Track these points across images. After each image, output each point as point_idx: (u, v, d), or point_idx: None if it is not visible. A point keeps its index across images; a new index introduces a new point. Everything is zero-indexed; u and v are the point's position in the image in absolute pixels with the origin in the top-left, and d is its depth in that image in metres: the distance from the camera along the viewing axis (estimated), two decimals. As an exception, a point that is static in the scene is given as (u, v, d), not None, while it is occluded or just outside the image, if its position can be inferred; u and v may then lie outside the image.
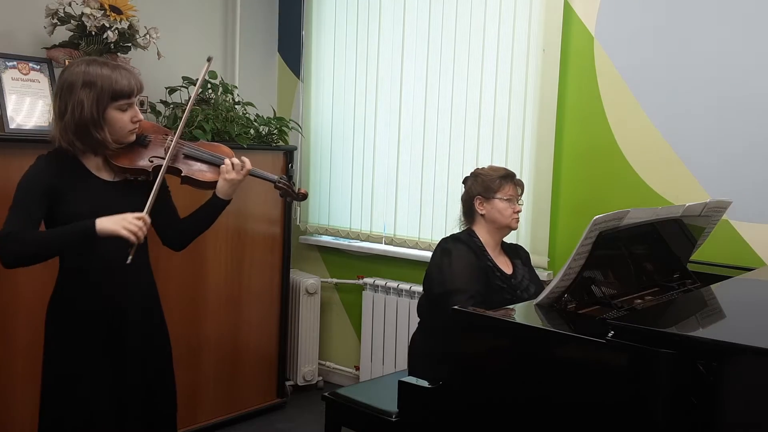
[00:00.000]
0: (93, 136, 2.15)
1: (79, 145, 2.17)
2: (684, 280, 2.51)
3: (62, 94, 2.16)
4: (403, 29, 3.93)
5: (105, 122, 2.16)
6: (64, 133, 2.16)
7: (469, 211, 2.88)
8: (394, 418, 2.60)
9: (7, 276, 2.90)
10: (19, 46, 3.25)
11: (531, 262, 3.04)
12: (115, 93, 2.15)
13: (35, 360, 2.96)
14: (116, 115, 2.17)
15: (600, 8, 3.28)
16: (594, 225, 2.03)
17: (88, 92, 2.13)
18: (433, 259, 2.82)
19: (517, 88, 3.54)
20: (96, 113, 2.14)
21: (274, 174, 2.49)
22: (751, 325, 2.03)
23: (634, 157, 3.23)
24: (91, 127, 2.14)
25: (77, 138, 2.16)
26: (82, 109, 2.12)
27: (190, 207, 2.45)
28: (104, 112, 2.15)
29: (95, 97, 2.13)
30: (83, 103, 2.12)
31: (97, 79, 2.14)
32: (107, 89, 2.14)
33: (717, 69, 3.01)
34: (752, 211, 2.95)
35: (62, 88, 2.17)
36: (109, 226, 2.08)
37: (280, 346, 3.95)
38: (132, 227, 2.08)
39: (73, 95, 2.13)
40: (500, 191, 2.81)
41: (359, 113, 4.14)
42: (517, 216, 2.84)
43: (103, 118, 2.15)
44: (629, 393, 1.79)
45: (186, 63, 3.72)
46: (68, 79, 2.16)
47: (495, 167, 2.93)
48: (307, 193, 2.51)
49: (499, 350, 2.09)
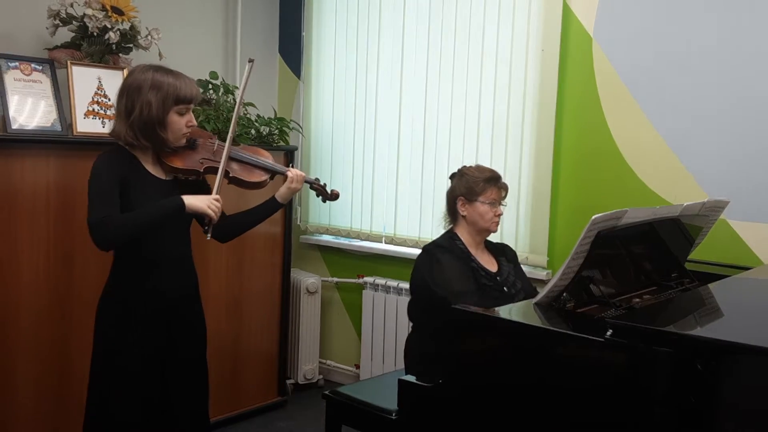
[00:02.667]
0: (157, 134, 2.35)
1: (143, 142, 2.35)
2: (682, 279, 2.51)
3: (129, 93, 2.34)
4: (402, 30, 3.94)
5: (167, 123, 2.36)
6: (130, 129, 2.33)
7: (452, 210, 2.88)
8: (394, 417, 2.61)
9: (7, 276, 2.92)
10: (21, 47, 3.25)
11: (518, 260, 3.02)
12: (179, 98, 2.35)
13: (35, 360, 3.01)
14: (175, 118, 2.37)
15: (598, 9, 3.29)
16: (592, 224, 2.04)
17: (156, 94, 2.32)
18: (419, 265, 2.79)
19: (516, 89, 3.55)
20: (161, 114, 2.33)
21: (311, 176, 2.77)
22: (748, 324, 2.03)
23: (633, 156, 3.24)
24: (157, 126, 2.33)
25: (143, 135, 2.34)
26: (150, 108, 2.31)
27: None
28: (167, 113, 2.35)
29: (162, 99, 2.32)
30: (151, 104, 2.31)
31: (164, 84, 2.34)
32: (172, 93, 2.34)
33: (715, 69, 3.02)
34: (750, 210, 2.96)
35: (130, 89, 2.34)
36: (197, 203, 2.33)
37: (281, 345, 3.97)
38: (214, 207, 2.36)
39: (142, 96, 2.32)
40: (483, 195, 2.79)
41: (359, 113, 4.15)
42: (497, 219, 2.82)
43: (166, 119, 2.35)
44: (627, 391, 1.80)
45: (187, 64, 3.69)
46: (136, 81, 2.34)
47: (481, 168, 2.90)
48: (339, 193, 2.73)
49: (498, 349, 2.10)
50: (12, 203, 2.91)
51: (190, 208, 2.32)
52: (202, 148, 2.50)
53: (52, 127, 3.07)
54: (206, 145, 2.52)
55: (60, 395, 3.08)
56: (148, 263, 2.39)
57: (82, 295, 3.08)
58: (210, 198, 2.37)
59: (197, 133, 2.53)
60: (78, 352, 3.06)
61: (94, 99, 3.20)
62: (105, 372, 2.39)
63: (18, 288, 2.95)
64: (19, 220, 2.93)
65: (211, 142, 2.54)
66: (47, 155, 3.00)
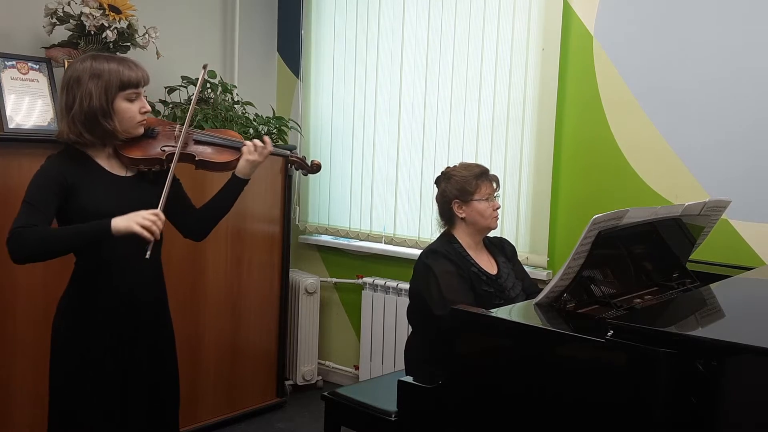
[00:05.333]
0: (102, 126, 2.16)
1: (88, 137, 2.17)
2: (683, 280, 2.50)
3: (69, 88, 2.17)
4: (402, 29, 3.93)
5: (114, 112, 2.18)
6: (72, 125, 2.16)
7: (448, 214, 2.81)
8: (394, 418, 2.60)
9: (7, 276, 2.90)
10: (18, 46, 3.25)
11: (517, 257, 2.99)
12: (123, 83, 2.17)
13: (35, 359, 2.99)
14: (125, 105, 2.19)
15: (599, 7, 3.28)
16: (593, 224, 2.03)
17: (96, 82, 2.15)
18: (417, 277, 2.74)
19: (516, 88, 3.54)
20: (105, 103, 2.15)
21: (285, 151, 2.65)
22: (750, 324, 2.03)
23: (634, 156, 3.23)
24: (100, 116, 2.15)
25: (86, 129, 2.16)
26: (91, 99, 2.14)
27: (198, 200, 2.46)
28: (113, 102, 2.17)
29: (103, 86, 2.15)
30: (92, 94, 2.14)
31: (104, 71, 2.16)
32: (115, 79, 2.16)
33: (716, 67, 3.01)
34: (752, 210, 2.95)
35: (69, 83, 2.17)
36: (123, 224, 2.08)
37: (280, 346, 3.95)
38: (146, 223, 2.08)
39: (81, 87, 2.15)
40: (477, 192, 2.75)
41: (358, 112, 4.14)
42: (496, 214, 2.78)
43: (112, 108, 2.17)
44: (628, 392, 1.79)
45: (185, 63, 3.72)
46: (75, 73, 2.17)
47: (467, 165, 2.85)
48: (320, 164, 2.60)
49: (498, 350, 2.09)
50: (8, 203, 2.88)
51: (117, 231, 2.07)
52: (162, 135, 2.32)
53: (48, 126, 3.06)
54: (166, 132, 2.34)
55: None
56: (106, 264, 2.22)
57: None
58: (143, 214, 2.10)
59: (156, 122, 2.36)
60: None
61: (91, 98, 3.18)
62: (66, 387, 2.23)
63: (14, 290, 2.94)
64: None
65: (170, 129, 2.36)
66: (44, 154, 2.90)
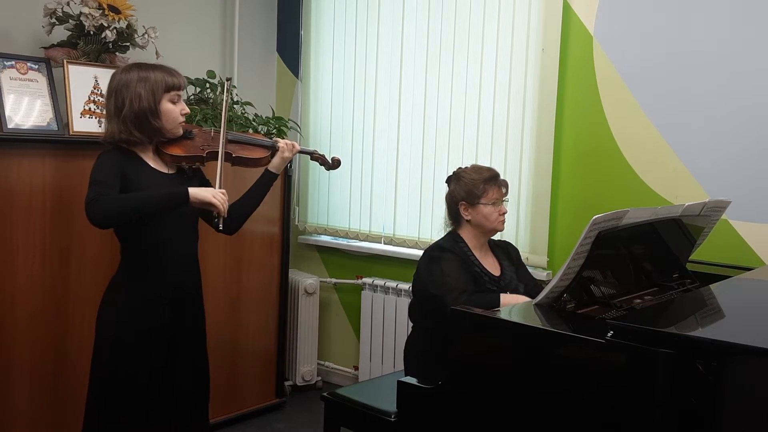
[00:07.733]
0: (151, 124, 2.40)
1: (138, 135, 2.39)
2: (683, 280, 2.50)
3: (118, 92, 2.39)
4: (402, 29, 3.93)
5: (160, 112, 2.41)
6: (123, 125, 2.38)
7: (455, 214, 2.84)
8: (393, 418, 2.59)
9: (2, 275, 2.90)
10: (17, 46, 3.25)
11: (522, 260, 3.01)
12: (168, 86, 2.42)
13: (31, 360, 2.99)
14: (169, 107, 2.43)
15: (599, 8, 3.28)
16: (593, 225, 2.03)
17: (144, 85, 2.38)
18: (421, 266, 2.79)
19: (516, 88, 3.54)
20: (153, 103, 2.39)
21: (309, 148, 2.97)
22: (750, 324, 2.02)
23: (634, 156, 3.23)
24: (150, 116, 2.39)
25: (136, 128, 2.38)
26: (140, 100, 2.37)
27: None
28: (159, 102, 2.40)
29: (151, 89, 2.39)
30: (141, 95, 2.37)
31: (150, 76, 2.40)
32: (160, 83, 2.41)
33: (716, 68, 3.01)
34: (752, 210, 2.94)
35: (117, 88, 2.40)
36: (201, 194, 2.36)
37: (279, 346, 3.95)
38: (220, 197, 2.39)
39: (130, 91, 2.37)
40: (484, 196, 2.77)
41: (358, 113, 4.14)
42: (503, 218, 2.80)
43: (159, 108, 2.40)
44: (628, 393, 1.78)
45: (185, 62, 3.69)
46: (122, 80, 2.40)
47: (478, 168, 2.86)
48: (340, 160, 2.81)
49: (498, 350, 2.09)
50: (8, 203, 2.90)
51: (194, 198, 2.35)
52: (198, 137, 2.58)
53: (48, 126, 3.06)
54: (202, 134, 2.60)
55: (57, 395, 3.06)
56: (149, 257, 2.43)
57: (78, 294, 3.07)
58: (214, 190, 2.41)
59: (191, 127, 2.60)
60: (74, 351, 3.06)
61: (90, 98, 3.18)
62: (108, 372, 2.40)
63: (14, 288, 2.94)
64: (15, 219, 2.92)
65: (206, 131, 2.63)
66: (43, 155, 2.99)
